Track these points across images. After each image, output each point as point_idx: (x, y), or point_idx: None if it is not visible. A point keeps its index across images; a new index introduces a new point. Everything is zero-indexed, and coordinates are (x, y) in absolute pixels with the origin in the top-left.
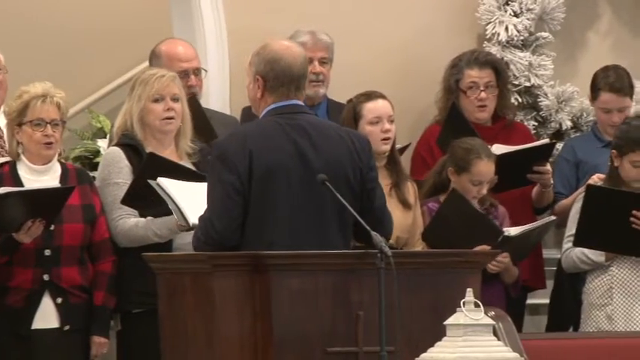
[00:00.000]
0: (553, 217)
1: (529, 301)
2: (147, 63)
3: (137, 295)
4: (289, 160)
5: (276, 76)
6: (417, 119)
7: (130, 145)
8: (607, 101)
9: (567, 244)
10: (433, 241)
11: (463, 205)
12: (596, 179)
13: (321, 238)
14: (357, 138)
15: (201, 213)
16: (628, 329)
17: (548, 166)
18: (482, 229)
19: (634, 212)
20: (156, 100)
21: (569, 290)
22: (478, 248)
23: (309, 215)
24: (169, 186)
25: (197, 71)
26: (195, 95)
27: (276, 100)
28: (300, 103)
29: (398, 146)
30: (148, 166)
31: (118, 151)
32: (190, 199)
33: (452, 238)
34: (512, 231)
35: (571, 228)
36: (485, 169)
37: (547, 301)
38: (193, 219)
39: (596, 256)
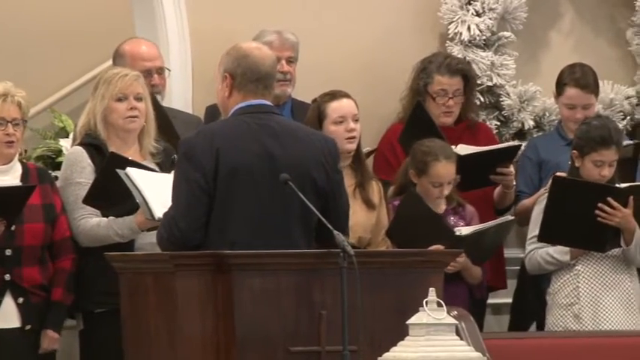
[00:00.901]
0: (510, 217)
1: (491, 301)
2: (109, 62)
3: (100, 294)
4: (256, 160)
5: (244, 73)
6: (381, 119)
7: (93, 144)
8: (572, 97)
9: (531, 245)
10: (398, 239)
11: (419, 206)
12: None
13: (284, 238)
14: (325, 140)
15: (167, 207)
16: (596, 328)
17: (512, 168)
18: (437, 229)
19: (600, 205)
20: (119, 100)
21: (532, 290)
22: (432, 248)
23: (274, 216)
24: (137, 177)
25: (160, 70)
26: (155, 95)
27: (244, 98)
28: (269, 103)
29: (367, 149)
30: (109, 166)
31: (80, 151)
32: (158, 191)
33: (413, 237)
34: (464, 231)
35: (534, 229)
36: (444, 171)
37: (509, 300)
38: (159, 213)
39: (562, 255)
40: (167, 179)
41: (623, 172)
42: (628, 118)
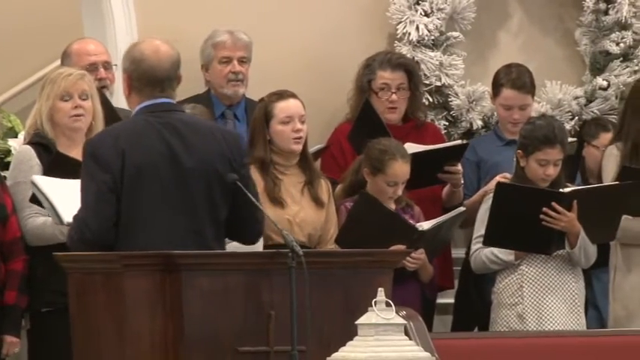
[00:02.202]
0: (462, 209)
1: (440, 301)
2: (58, 62)
3: (46, 294)
4: (160, 159)
5: (139, 77)
6: (329, 119)
7: (41, 143)
8: (508, 98)
9: (476, 244)
10: (347, 245)
11: (374, 206)
12: (502, 178)
13: (195, 236)
14: (230, 135)
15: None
16: (539, 328)
17: (459, 167)
18: (396, 227)
19: (545, 210)
20: (64, 99)
21: (475, 290)
22: (393, 248)
23: (181, 214)
24: (44, 184)
25: (107, 64)
26: (103, 90)
27: (142, 99)
28: (171, 101)
29: (318, 146)
30: (54, 166)
31: (28, 150)
32: (68, 197)
33: (367, 239)
34: (425, 225)
35: (479, 229)
36: (400, 170)
37: (451, 300)
38: (68, 218)
39: (506, 255)
40: (78, 184)
41: (565, 170)
42: (576, 118)
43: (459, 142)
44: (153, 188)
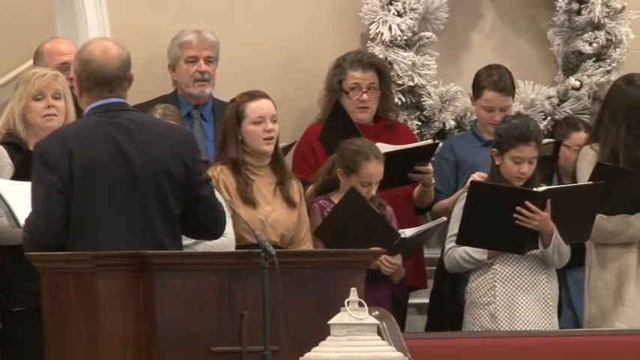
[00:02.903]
0: (444, 218)
1: (415, 301)
2: (31, 62)
3: (18, 293)
4: (109, 159)
5: (88, 78)
6: (300, 118)
7: (13, 143)
8: (490, 100)
9: (450, 243)
10: (327, 238)
11: (361, 205)
12: (477, 177)
13: (147, 236)
14: (181, 132)
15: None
16: (511, 328)
17: (430, 166)
18: (378, 230)
19: (518, 208)
20: (37, 99)
21: (449, 290)
22: (372, 250)
23: (133, 214)
24: (2, 188)
25: None
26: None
27: (92, 100)
28: (121, 100)
29: (283, 144)
30: (24, 165)
31: (0, 150)
32: (27, 199)
33: (347, 236)
34: (408, 232)
35: (453, 227)
36: (374, 170)
37: (426, 300)
38: (23, 221)
39: (479, 254)
40: None
41: (541, 171)
42: (549, 118)
43: (429, 141)
44: (102, 188)
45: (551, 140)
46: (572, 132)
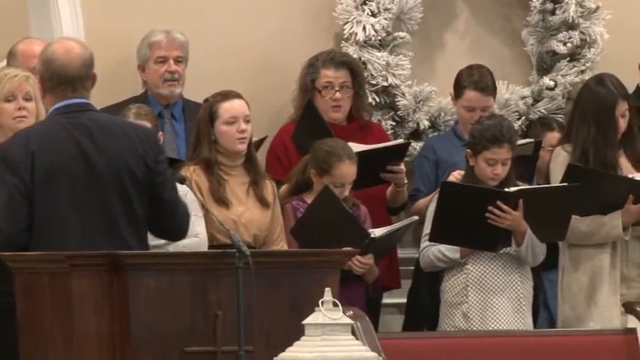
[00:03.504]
0: (415, 218)
1: (390, 301)
2: (4, 62)
3: None
4: (71, 160)
5: (50, 77)
6: (273, 118)
7: None
8: (471, 99)
9: (425, 242)
10: (302, 238)
11: (335, 204)
12: (457, 175)
13: (111, 236)
14: (143, 132)
15: None
16: (483, 327)
17: (402, 166)
18: (350, 230)
19: (490, 208)
20: (8, 100)
21: (426, 289)
22: (343, 250)
23: (96, 214)
24: None
25: None
26: None
27: (56, 100)
28: (84, 101)
29: (254, 139)
30: None
31: None
32: None
33: (320, 236)
34: (378, 232)
35: (428, 227)
36: (347, 171)
37: (404, 300)
38: None
39: (453, 253)
40: None
41: (521, 171)
42: (523, 118)
43: (400, 141)
44: (65, 189)
45: (531, 140)
46: (545, 132)
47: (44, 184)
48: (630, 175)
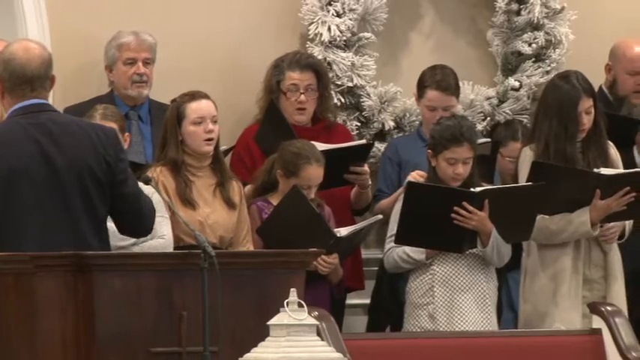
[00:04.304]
0: (380, 216)
1: (354, 301)
2: None
3: None
4: (31, 161)
5: (9, 77)
6: (239, 119)
7: None
8: (433, 99)
9: (389, 243)
10: (268, 237)
11: (302, 205)
12: (415, 175)
13: (72, 236)
14: (103, 131)
15: None
16: (450, 328)
17: (366, 167)
18: (316, 230)
19: (455, 209)
20: None
21: (388, 290)
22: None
23: (57, 215)
24: None
25: None
26: None
27: (15, 100)
28: (43, 101)
29: (223, 147)
30: None
31: None
32: None
33: (286, 236)
34: (343, 231)
35: (393, 228)
36: (315, 174)
37: (367, 301)
38: None
39: (417, 254)
40: None
41: (480, 170)
42: (488, 118)
43: (363, 141)
44: (26, 189)
45: (488, 140)
46: (509, 141)
47: (4, 185)
48: (596, 170)
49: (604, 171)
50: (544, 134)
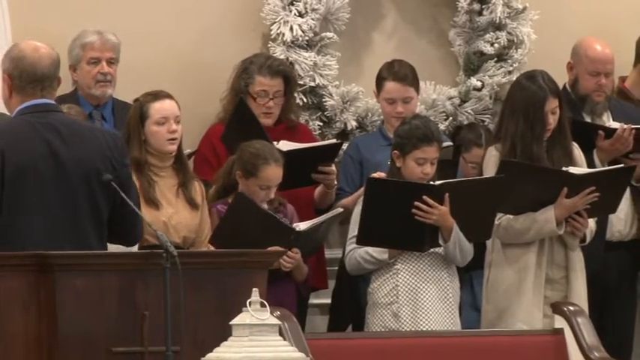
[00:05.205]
0: (340, 210)
1: (316, 301)
2: None
3: None
4: (40, 160)
5: (20, 75)
6: (203, 118)
7: None
8: (391, 91)
9: (350, 245)
10: (221, 246)
11: (251, 208)
12: (377, 177)
13: (76, 238)
14: (110, 135)
15: None
16: (414, 326)
17: (333, 167)
18: (273, 229)
19: (416, 203)
20: None
21: (349, 290)
22: (271, 249)
23: (63, 216)
24: None
25: None
26: None
27: (23, 99)
28: (51, 102)
29: (187, 151)
30: None
31: None
32: None
33: (243, 240)
34: (302, 226)
35: (354, 229)
36: (273, 174)
37: (329, 300)
38: None
39: (380, 254)
40: None
41: (443, 175)
42: (450, 118)
43: (332, 141)
44: (34, 188)
45: (450, 144)
46: (473, 147)
47: (13, 183)
48: (564, 169)
49: (573, 170)
50: (510, 134)
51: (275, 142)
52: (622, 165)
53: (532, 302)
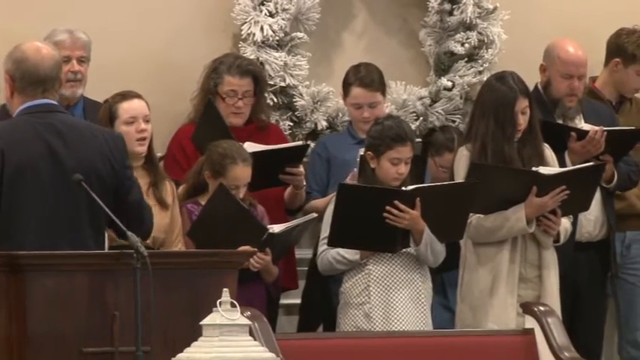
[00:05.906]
0: (314, 215)
1: (284, 301)
2: None
3: None
4: (40, 160)
5: (22, 76)
6: (173, 118)
7: None
8: (357, 96)
9: (322, 246)
10: (200, 238)
11: (229, 202)
12: (351, 179)
13: (74, 238)
14: (111, 136)
15: None
16: (386, 327)
17: (301, 168)
18: (246, 226)
19: (387, 208)
20: None
21: (319, 290)
22: (241, 249)
23: (62, 216)
24: None
25: None
26: None
27: (25, 99)
28: (53, 102)
29: (158, 154)
30: None
31: None
32: None
33: (218, 235)
34: (276, 228)
35: (326, 230)
36: (241, 174)
37: (299, 300)
38: None
39: (352, 254)
40: None
41: (411, 170)
42: (421, 119)
43: (299, 142)
44: (33, 188)
45: (418, 140)
46: (444, 151)
47: (12, 184)
48: (534, 169)
49: (542, 170)
50: (481, 134)
51: (241, 143)
52: (592, 163)
53: (506, 301)
